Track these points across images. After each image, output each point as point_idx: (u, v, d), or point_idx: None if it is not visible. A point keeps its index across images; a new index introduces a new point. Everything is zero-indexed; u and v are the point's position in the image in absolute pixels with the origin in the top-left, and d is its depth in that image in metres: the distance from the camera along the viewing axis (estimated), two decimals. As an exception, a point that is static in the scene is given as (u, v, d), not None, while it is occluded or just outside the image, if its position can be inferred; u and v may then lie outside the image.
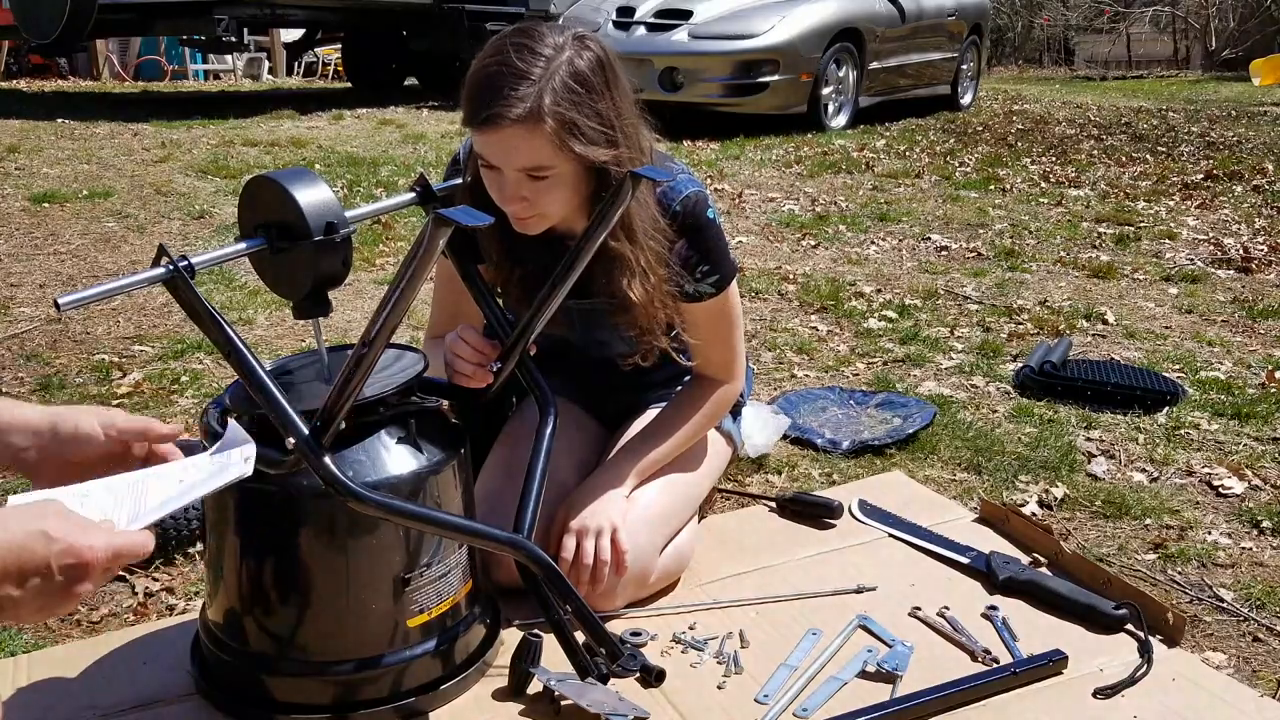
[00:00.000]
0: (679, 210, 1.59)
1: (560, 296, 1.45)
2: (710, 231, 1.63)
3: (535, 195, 1.44)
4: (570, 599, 1.38)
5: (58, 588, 0.84)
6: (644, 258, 1.52)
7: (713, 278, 1.65)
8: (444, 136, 6.82)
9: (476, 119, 1.39)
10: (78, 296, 1.11)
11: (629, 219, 1.50)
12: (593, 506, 1.61)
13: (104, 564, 0.85)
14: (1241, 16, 17.91)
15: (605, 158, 1.44)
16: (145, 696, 1.42)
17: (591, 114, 1.41)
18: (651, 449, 1.69)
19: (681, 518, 1.71)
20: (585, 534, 1.58)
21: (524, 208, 1.46)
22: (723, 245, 1.65)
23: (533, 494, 1.44)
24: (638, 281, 1.53)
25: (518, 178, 1.43)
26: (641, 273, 1.53)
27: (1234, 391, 2.67)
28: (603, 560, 1.56)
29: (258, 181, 1.26)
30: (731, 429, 1.90)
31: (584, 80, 1.41)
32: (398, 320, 1.18)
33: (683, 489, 1.73)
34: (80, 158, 5.65)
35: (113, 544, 0.86)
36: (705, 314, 1.69)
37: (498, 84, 1.38)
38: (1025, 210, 5.11)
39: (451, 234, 1.12)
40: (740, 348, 1.77)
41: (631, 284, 1.52)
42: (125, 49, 13.08)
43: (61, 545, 0.83)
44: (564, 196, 1.47)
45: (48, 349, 2.89)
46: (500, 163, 1.43)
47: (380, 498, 1.24)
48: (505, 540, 1.36)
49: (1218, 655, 1.57)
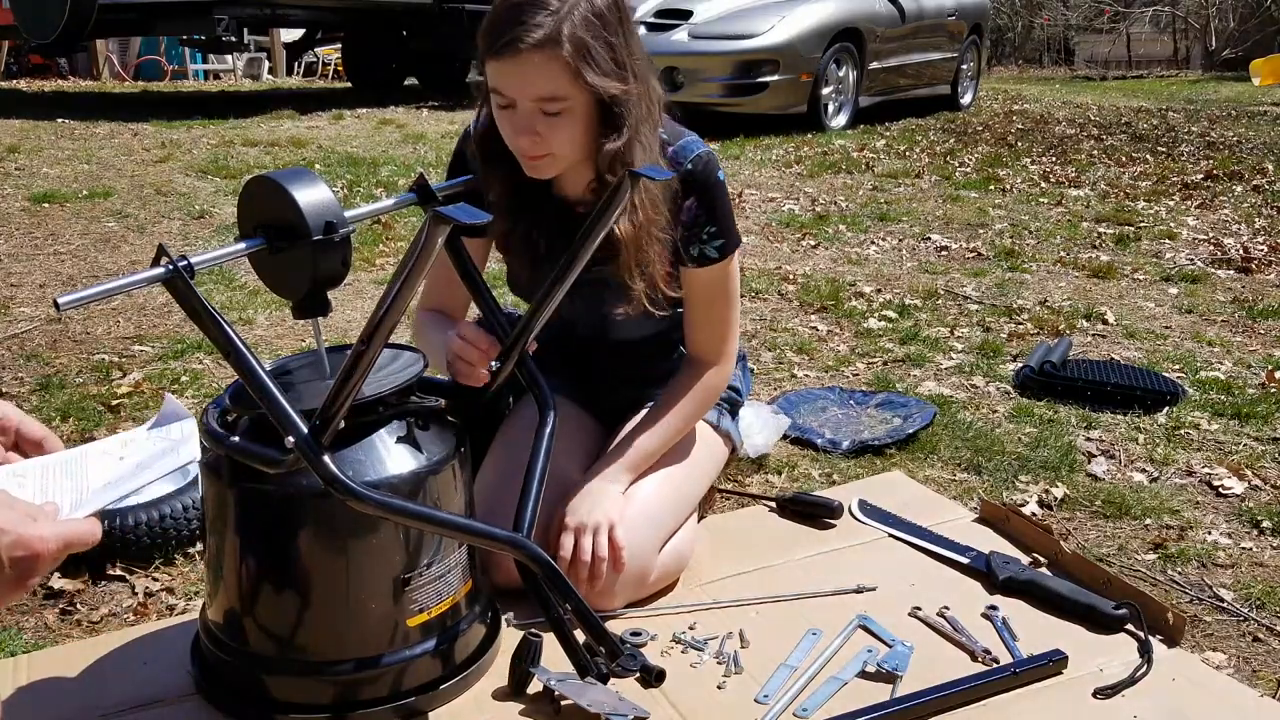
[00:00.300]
0: (690, 168, 1.62)
1: (560, 294, 1.45)
2: (719, 192, 1.65)
3: (547, 131, 1.46)
4: (570, 598, 1.38)
5: (8, 579, 0.82)
6: (638, 194, 1.52)
7: (718, 242, 1.66)
8: (444, 136, 6.82)
9: (495, 47, 1.42)
10: (77, 296, 1.11)
11: (620, 154, 1.50)
12: (589, 504, 1.61)
13: (54, 554, 0.84)
14: (1241, 16, 17.91)
15: (617, 91, 1.46)
16: (145, 696, 1.42)
17: (606, 47, 1.45)
18: (643, 441, 1.69)
19: (679, 517, 1.71)
20: (583, 531, 1.58)
21: (535, 144, 1.48)
22: (730, 210, 1.67)
23: (532, 493, 1.44)
24: (625, 217, 1.53)
25: (532, 110, 1.45)
26: (630, 209, 1.53)
27: (1234, 391, 2.67)
28: (600, 557, 1.56)
29: (257, 181, 1.26)
30: (730, 428, 1.90)
31: (601, 15, 1.45)
32: (396, 319, 1.18)
33: (680, 488, 1.73)
34: (80, 158, 5.65)
35: (62, 534, 0.85)
36: (704, 283, 1.69)
37: (518, 14, 1.42)
38: (1025, 210, 5.11)
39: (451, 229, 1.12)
40: (733, 330, 1.76)
41: (619, 219, 1.52)
42: (125, 49, 13.08)
43: (11, 538, 0.82)
44: (574, 135, 1.49)
45: (48, 349, 2.89)
46: (516, 93, 1.44)
47: (380, 497, 1.24)
48: (505, 539, 1.36)
49: (1218, 655, 1.57)
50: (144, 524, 1.79)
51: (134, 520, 1.78)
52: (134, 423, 2.38)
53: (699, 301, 1.71)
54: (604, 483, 1.64)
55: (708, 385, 1.75)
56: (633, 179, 1.36)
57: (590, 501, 1.62)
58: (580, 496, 1.63)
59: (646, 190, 1.54)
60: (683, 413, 1.73)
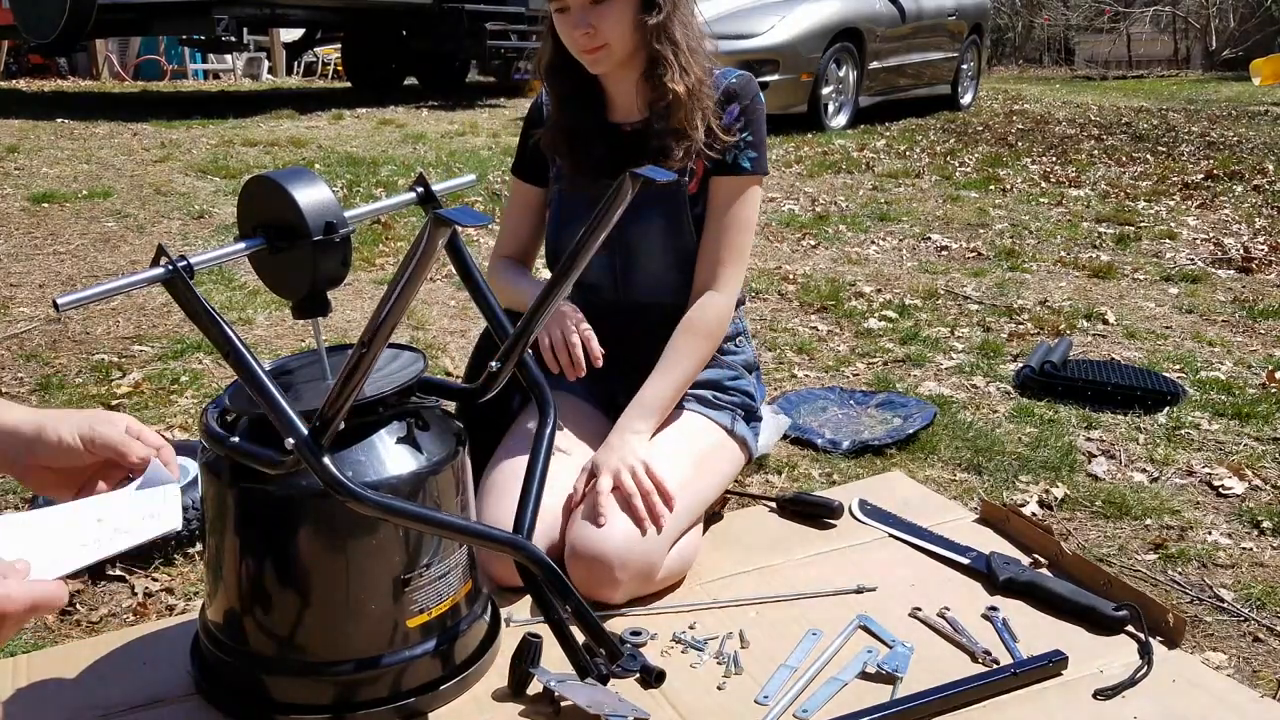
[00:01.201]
0: (733, 82, 1.80)
1: (561, 294, 1.44)
2: (759, 107, 1.81)
3: (598, 21, 1.67)
4: (569, 599, 1.38)
5: None
6: (683, 57, 1.72)
7: (751, 154, 1.78)
8: (444, 136, 6.82)
9: None
10: (76, 296, 1.11)
11: (668, 28, 1.71)
12: (615, 453, 1.64)
13: (20, 616, 0.83)
14: (1241, 16, 17.91)
15: None
16: (145, 696, 1.42)
17: None
18: (656, 388, 1.72)
19: (690, 518, 1.71)
20: (620, 471, 1.61)
21: (590, 37, 1.68)
22: (765, 134, 1.82)
23: (532, 494, 1.43)
24: (679, 75, 1.71)
25: (582, 4, 1.66)
26: (681, 70, 1.71)
27: (1234, 391, 2.67)
28: (646, 489, 1.60)
29: (257, 181, 1.26)
30: (746, 434, 1.89)
31: None
32: (397, 320, 1.18)
33: (692, 487, 1.72)
34: (80, 158, 5.65)
35: (31, 595, 0.84)
36: (726, 195, 1.77)
37: None
38: (1025, 210, 5.11)
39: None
40: (739, 259, 1.80)
41: (674, 78, 1.70)
42: (125, 49, 13.08)
43: None
44: (621, 18, 1.68)
45: (48, 349, 2.89)
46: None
47: (379, 498, 1.24)
48: (504, 540, 1.36)
49: (1218, 655, 1.57)
50: (144, 524, 1.79)
51: (134, 520, 1.78)
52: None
53: (716, 213, 1.78)
54: (624, 433, 1.67)
55: (707, 316, 1.77)
56: (633, 179, 1.35)
57: (615, 450, 1.64)
58: (603, 449, 1.66)
59: (694, 60, 1.73)
60: (688, 349, 1.75)
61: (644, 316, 1.84)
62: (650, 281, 1.83)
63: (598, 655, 1.39)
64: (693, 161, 1.76)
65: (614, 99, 1.82)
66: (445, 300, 3.40)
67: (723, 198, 1.78)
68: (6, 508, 1.98)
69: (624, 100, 1.81)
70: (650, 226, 1.79)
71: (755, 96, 1.81)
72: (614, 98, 1.82)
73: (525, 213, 1.93)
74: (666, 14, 1.71)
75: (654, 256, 1.81)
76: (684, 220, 1.79)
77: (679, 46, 1.73)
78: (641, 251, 1.81)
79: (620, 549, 1.57)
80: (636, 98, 1.78)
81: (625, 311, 1.85)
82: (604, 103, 1.83)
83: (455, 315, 3.26)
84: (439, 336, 3.06)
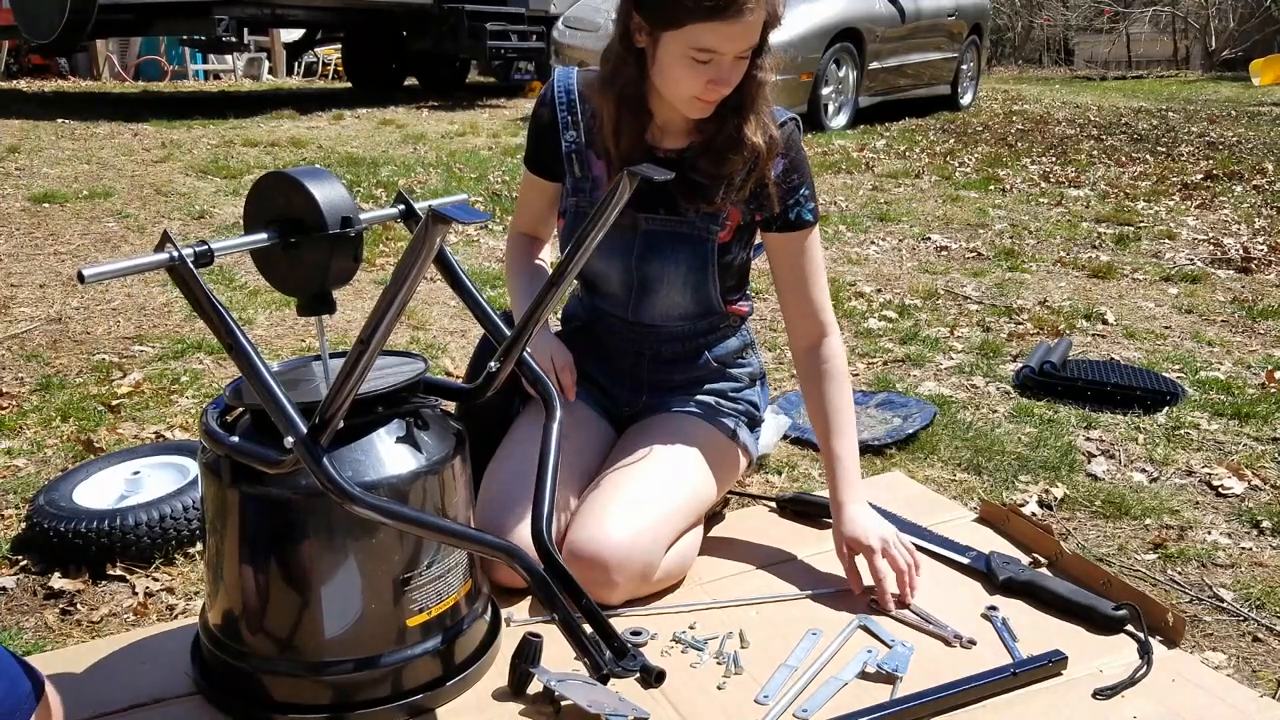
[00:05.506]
0: (785, 125, 1.72)
1: (562, 292, 1.45)
2: (804, 154, 1.77)
3: (735, 74, 1.59)
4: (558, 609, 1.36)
5: None
6: (767, 113, 1.68)
7: (811, 204, 1.75)
8: (444, 137, 6.82)
9: (717, 12, 1.51)
10: (101, 270, 1.14)
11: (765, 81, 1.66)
12: (862, 526, 1.66)
13: None
14: (1241, 16, 17.91)
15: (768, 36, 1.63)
16: (145, 696, 1.42)
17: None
18: (843, 449, 1.73)
19: (689, 518, 1.71)
20: (887, 547, 1.64)
21: (722, 89, 1.59)
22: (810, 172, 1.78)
23: (546, 490, 1.42)
24: (757, 130, 1.66)
25: (735, 62, 1.58)
26: (763, 126, 1.67)
27: (1234, 392, 2.67)
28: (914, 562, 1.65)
29: (271, 178, 1.27)
30: (748, 440, 1.89)
31: None
32: (396, 319, 1.18)
33: (692, 486, 1.72)
34: (80, 158, 5.65)
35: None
36: (797, 247, 1.76)
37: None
38: (1025, 210, 5.11)
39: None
40: (828, 296, 1.81)
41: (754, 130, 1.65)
42: (125, 49, 13.08)
43: None
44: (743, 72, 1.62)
45: (48, 349, 2.89)
46: (731, 49, 1.55)
47: (375, 500, 1.23)
48: (499, 547, 1.35)
49: (1218, 655, 1.57)
50: (144, 524, 1.79)
51: (134, 520, 1.78)
52: (134, 423, 2.38)
53: (794, 268, 1.77)
54: (857, 505, 1.69)
55: (838, 360, 1.78)
56: (630, 176, 1.36)
57: (863, 523, 1.67)
58: (848, 522, 1.67)
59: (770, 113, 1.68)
60: (845, 399, 1.76)
61: (652, 335, 1.85)
62: (663, 310, 1.81)
63: (605, 652, 1.38)
64: (726, 211, 1.73)
65: (660, 123, 1.72)
66: (445, 300, 3.40)
67: (795, 251, 1.76)
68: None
69: (671, 127, 1.72)
70: (674, 268, 1.76)
71: (799, 144, 1.75)
72: (661, 123, 1.72)
73: (538, 196, 1.88)
74: (768, 67, 1.66)
75: (672, 294, 1.78)
76: (709, 268, 1.76)
77: (767, 101, 1.68)
78: (661, 289, 1.78)
79: (618, 551, 1.57)
80: (684, 122, 1.70)
81: (633, 328, 1.84)
82: (646, 125, 1.73)
83: (455, 315, 3.26)
84: (439, 336, 3.07)
